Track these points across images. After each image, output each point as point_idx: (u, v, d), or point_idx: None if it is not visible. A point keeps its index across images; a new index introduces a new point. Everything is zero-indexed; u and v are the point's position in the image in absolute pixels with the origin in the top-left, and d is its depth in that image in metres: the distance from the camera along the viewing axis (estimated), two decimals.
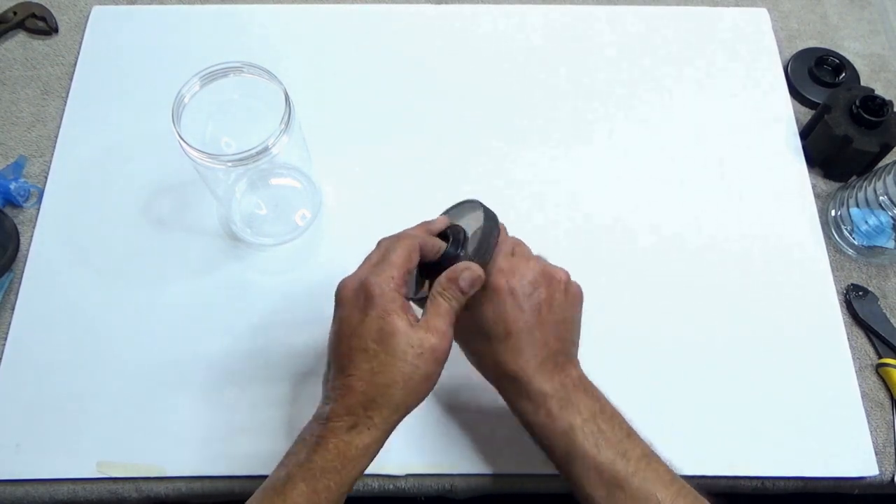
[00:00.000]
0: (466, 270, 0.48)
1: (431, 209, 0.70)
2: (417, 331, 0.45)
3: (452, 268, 0.48)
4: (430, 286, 0.49)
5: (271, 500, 0.43)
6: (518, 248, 0.53)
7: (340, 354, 0.46)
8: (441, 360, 0.46)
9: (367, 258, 0.49)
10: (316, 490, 0.43)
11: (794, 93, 0.79)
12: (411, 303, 0.50)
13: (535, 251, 0.55)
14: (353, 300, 0.47)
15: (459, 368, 0.63)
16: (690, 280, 0.68)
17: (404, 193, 0.72)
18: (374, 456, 0.46)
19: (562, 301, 0.51)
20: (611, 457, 0.47)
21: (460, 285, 0.48)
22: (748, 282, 0.68)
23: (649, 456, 0.48)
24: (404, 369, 0.44)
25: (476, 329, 0.50)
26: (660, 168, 0.74)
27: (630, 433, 0.49)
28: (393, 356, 0.44)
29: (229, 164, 0.56)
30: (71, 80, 0.77)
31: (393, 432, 0.51)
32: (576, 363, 0.52)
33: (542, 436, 0.49)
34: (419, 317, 0.47)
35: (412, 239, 0.49)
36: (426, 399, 0.61)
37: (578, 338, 0.53)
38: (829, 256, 0.70)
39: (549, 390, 0.49)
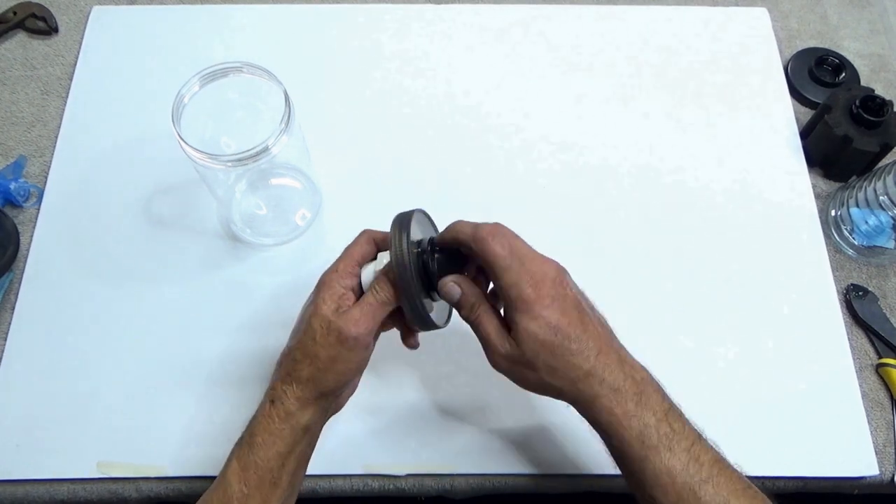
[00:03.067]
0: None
1: (431, 208, 0.71)
2: (333, 314, 0.48)
3: (386, 263, 0.51)
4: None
5: (217, 482, 0.48)
6: (515, 245, 0.49)
7: (290, 336, 0.52)
8: (347, 344, 0.48)
9: None
10: (245, 467, 0.47)
11: (794, 93, 0.79)
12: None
13: None
14: (314, 288, 0.52)
15: (459, 370, 0.63)
16: (690, 280, 0.68)
17: (404, 193, 0.72)
18: (297, 434, 0.48)
19: (579, 289, 0.50)
20: (684, 461, 0.45)
21: (389, 277, 0.50)
22: (748, 282, 0.68)
23: (721, 461, 0.46)
24: (312, 348, 0.48)
25: (534, 352, 0.47)
26: (658, 169, 0.74)
27: (699, 436, 0.47)
28: (306, 334, 0.48)
29: (229, 164, 0.56)
30: (71, 80, 0.77)
31: (394, 431, 0.54)
32: (627, 351, 0.50)
33: (617, 437, 0.46)
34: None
35: (368, 234, 0.53)
36: (427, 399, 0.62)
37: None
38: (829, 256, 0.70)
39: (624, 385, 0.46)
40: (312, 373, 0.48)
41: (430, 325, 0.50)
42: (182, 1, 0.83)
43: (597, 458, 0.60)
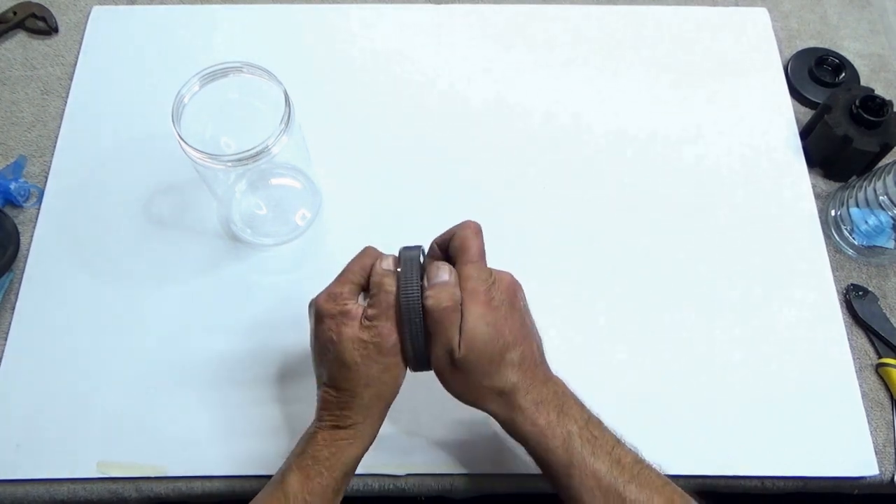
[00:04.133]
0: (385, 258, 0.51)
1: (431, 209, 0.71)
2: (362, 332, 0.47)
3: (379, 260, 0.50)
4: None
5: (272, 490, 0.48)
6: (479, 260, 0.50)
7: (316, 366, 0.51)
8: (389, 353, 0.47)
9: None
10: (309, 476, 0.47)
11: (794, 93, 0.79)
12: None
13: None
14: (314, 316, 0.51)
15: None
16: (690, 280, 0.68)
17: (404, 193, 0.72)
18: (366, 442, 0.50)
19: (528, 306, 0.51)
20: (607, 464, 0.46)
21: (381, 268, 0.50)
22: (749, 282, 0.68)
23: (641, 462, 0.48)
24: (362, 371, 0.47)
25: (472, 353, 0.47)
26: (658, 169, 0.74)
27: (619, 439, 0.49)
28: (344, 362, 0.47)
29: (229, 164, 0.56)
30: (71, 80, 0.77)
31: (394, 431, 0.55)
32: (550, 369, 0.51)
33: (541, 447, 0.48)
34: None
35: (368, 257, 0.51)
36: (427, 399, 0.62)
37: None
38: (829, 256, 0.70)
39: (546, 398, 0.48)
40: (373, 393, 0.48)
41: (426, 366, 0.49)
42: (182, 1, 0.83)
43: None
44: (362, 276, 0.50)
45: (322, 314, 0.49)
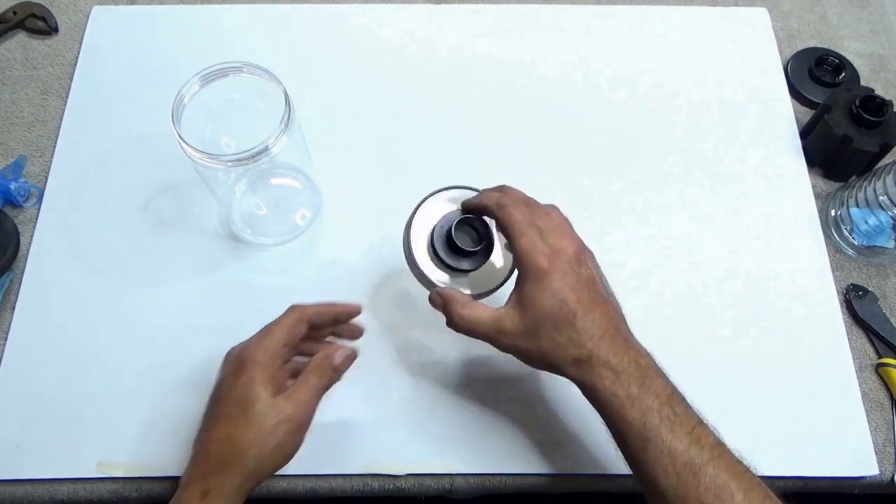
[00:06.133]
0: (340, 349, 0.52)
1: None
2: (278, 400, 0.48)
3: (328, 348, 0.52)
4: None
5: None
6: (540, 217, 0.51)
7: (208, 417, 0.50)
8: (298, 429, 0.48)
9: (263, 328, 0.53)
10: None
11: (794, 93, 0.79)
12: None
13: None
14: (231, 366, 0.50)
15: (459, 370, 0.63)
16: (691, 280, 0.68)
17: (404, 193, 0.71)
18: None
19: (600, 272, 0.52)
20: (685, 443, 0.45)
21: (334, 364, 0.51)
22: (748, 282, 0.68)
23: (721, 445, 0.47)
24: (258, 436, 0.46)
25: (536, 322, 0.48)
26: (658, 172, 0.74)
27: (701, 420, 0.47)
28: (250, 423, 0.46)
29: (229, 164, 0.56)
30: (71, 80, 0.77)
31: (394, 431, 0.55)
32: (634, 337, 0.51)
33: (619, 418, 0.47)
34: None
35: (300, 312, 0.52)
36: (426, 399, 0.62)
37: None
38: (829, 256, 0.70)
39: (627, 368, 0.47)
40: (257, 462, 0.46)
41: (429, 285, 0.55)
42: (182, 1, 0.83)
43: (597, 459, 0.60)
44: (292, 339, 0.52)
45: (250, 362, 0.49)
